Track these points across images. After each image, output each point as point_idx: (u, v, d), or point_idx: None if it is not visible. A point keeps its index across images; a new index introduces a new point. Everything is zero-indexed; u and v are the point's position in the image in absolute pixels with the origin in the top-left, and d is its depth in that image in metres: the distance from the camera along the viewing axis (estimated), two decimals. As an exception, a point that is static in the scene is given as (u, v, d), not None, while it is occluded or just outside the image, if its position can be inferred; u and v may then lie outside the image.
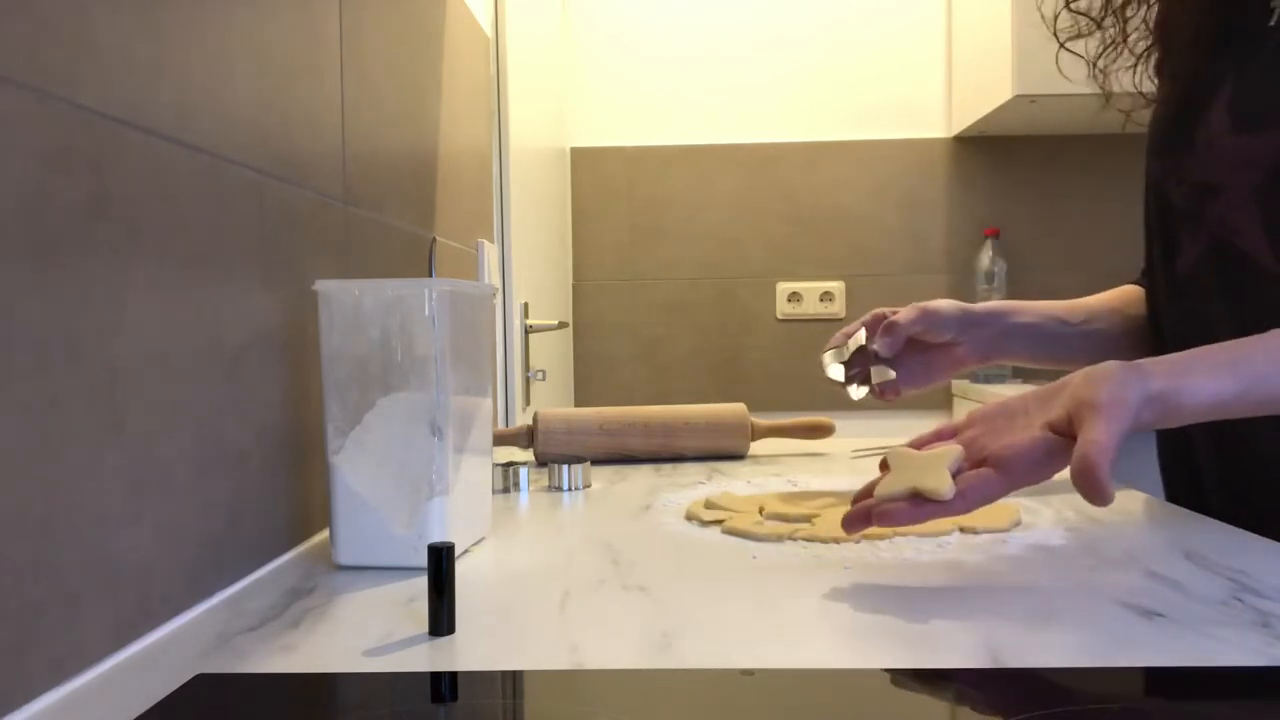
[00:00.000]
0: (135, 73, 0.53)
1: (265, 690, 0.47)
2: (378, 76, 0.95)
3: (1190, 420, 0.66)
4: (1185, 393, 0.64)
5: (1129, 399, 0.62)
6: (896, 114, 2.51)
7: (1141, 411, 0.62)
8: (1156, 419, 0.64)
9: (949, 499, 0.61)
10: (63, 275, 0.47)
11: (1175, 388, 0.64)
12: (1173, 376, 0.65)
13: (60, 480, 0.47)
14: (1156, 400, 0.64)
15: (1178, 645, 0.50)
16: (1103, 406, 0.61)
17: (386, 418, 0.65)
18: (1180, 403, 0.64)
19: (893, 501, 0.62)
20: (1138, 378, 0.63)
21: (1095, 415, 0.60)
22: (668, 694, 0.46)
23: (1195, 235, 0.85)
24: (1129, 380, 0.63)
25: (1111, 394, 0.61)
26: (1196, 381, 0.65)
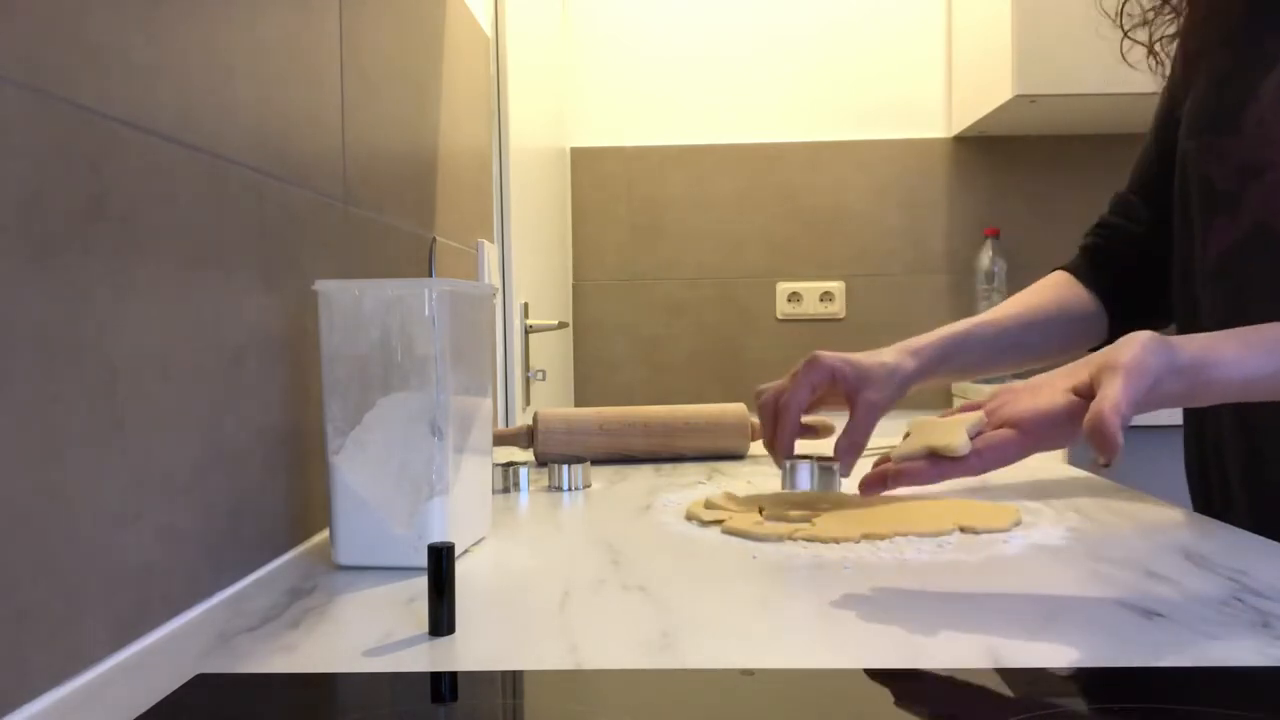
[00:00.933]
0: (135, 73, 0.53)
1: (265, 690, 0.47)
2: (378, 76, 0.95)
3: (1220, 398, 0.66)
4: (1216, 366, 0.64)
5: (1150, 364, 0.62)
6: (896, 114, 2.50)
7: (1166, 380, 0.63)
8: (1185, 392, 0.64)
9: (964, 455, 0.61)
10: (63, 275, 0.47)
11: (1206, 361, 0.64)
12: (1204, 350, 0.65)
13: (60, 480, 0.47)
14: (1186, 372, 0.64)
15: (1178, 645, 0.50)
16: (1122, 368, 0.61)
17: (386, 418, 0.65)
18: (1210, 376, 0.64)
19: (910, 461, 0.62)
20: (1164, 347, 0.63)
21: (1114, 375, 0.61)
22: (668, 694, 0.46)
23: (1236, 218, 0.83)
24: (1154, 348, 0.63)
25: (1133, 357, 0.62)
26: (1229, 356, 0.65)
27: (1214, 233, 0.85)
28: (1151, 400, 0.63)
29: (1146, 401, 0.63)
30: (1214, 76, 0.87)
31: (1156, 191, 0.99)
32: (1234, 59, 0.86)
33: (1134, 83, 2.18)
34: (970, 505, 0.82)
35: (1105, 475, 1.02)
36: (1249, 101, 0.82)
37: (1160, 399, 0.64)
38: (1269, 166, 0.80)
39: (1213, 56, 0.88)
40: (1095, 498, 0.89)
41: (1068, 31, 2.07)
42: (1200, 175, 0.87)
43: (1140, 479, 1.69)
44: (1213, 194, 0.85)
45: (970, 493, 0.91)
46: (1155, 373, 0.62)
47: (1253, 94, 0.82)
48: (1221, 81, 0.86)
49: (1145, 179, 1.01)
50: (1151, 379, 0.62)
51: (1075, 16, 2.06)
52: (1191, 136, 0.89)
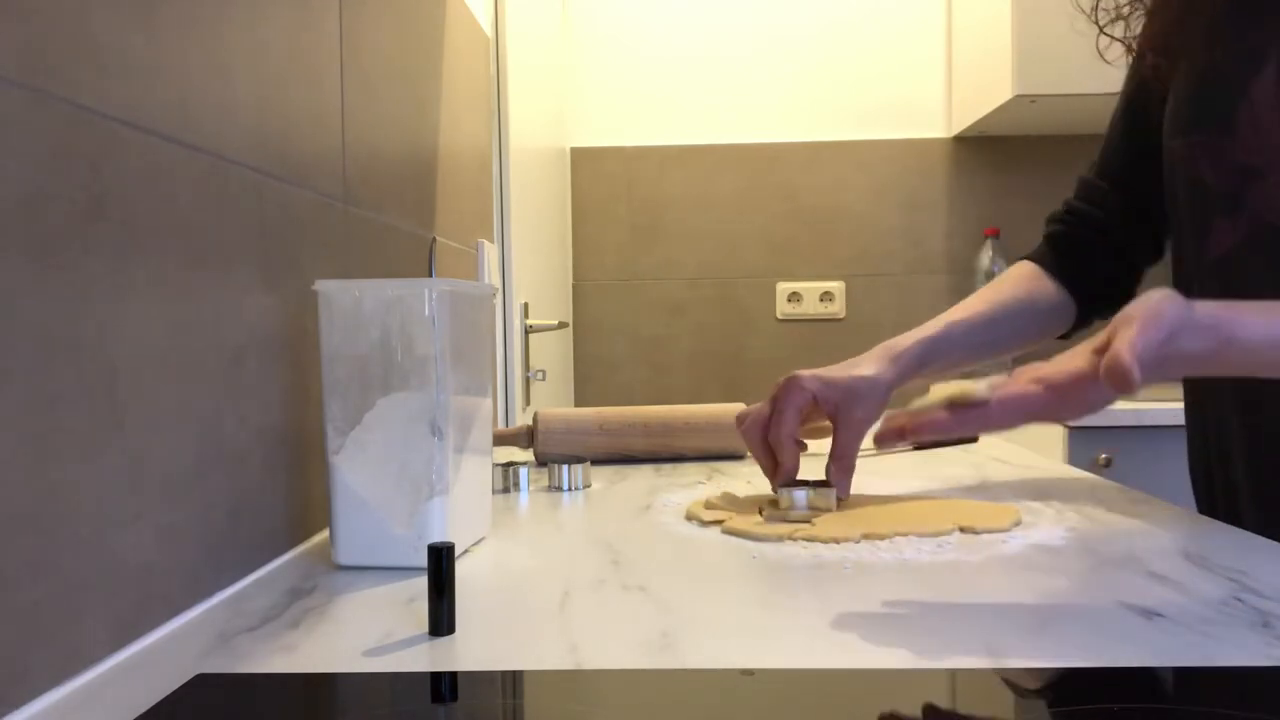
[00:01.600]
0: (135, 73, 0.53)
1: (265, 690, 0.47)
2: (378, 76, 0.95)
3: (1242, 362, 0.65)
4: (1239, 325, 0.64)
5: (1166, 312, 0.62)
6: (896, 114, 2.50)
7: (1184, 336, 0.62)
8: (1207, 349, 0.64)
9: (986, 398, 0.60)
10: (63, 275, 0.47)
11: (1228, 319, 0.64)
12: (1225, 310, 0.65)
13: (60, 480, 0.47)
14: (1207, 329, 0.63)
15: (1178, 645, 0.50)
16: (1137, 316, 0.62)
17: (386, 418, 0.65)
18: (1234, 335, 0.64)
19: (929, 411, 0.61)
20: (1181, 301, 0.63)
21: (1129, 324, 0.61)
22: (668, 694, 0.46)
23: (1234, 219, 0.82)
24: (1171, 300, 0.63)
25: (1148, 307, 0.62)
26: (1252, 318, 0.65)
27: (1213, 235, 0.84)
28: (1171, 355, 0.62)
29: (1164, 354, 0.62)
30: (1197, 72, 0.86)
31: (1127, 180, 0.98)
32: (1217, 55, 0.84)
33: (1134, 83, 2.16)
34: (970, 505, 0.82)
35: (1106, 475, 1.03)
36: (1239, 101, 0.81)
37: (1182, 359, 0.63)
38: (1269, 169, 0.79)
39: (1194, 52, 0.87)
40: (1095, 498, 0.89)
41: (1068, 31, 2.06)
42: (1190, 176, 0.86)
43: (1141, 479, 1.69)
44: (1207, 195, 0.84)
45: (970, 493, 0.91)
46: (1171, 323, 0.62)
47: (1242, 93, 0.81)
48: (1205, 78, 0.85)
49: (1115, 166, 1.00)
50: (1167, 328, 0.61)
51: (1075, 17, 2.06)
52: (1177, 135, 0.87)
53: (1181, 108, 0.87)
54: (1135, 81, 0.97)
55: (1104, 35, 0.94)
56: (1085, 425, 1.84)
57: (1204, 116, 0.84)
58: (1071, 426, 1.85)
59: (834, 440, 0.85)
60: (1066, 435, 1.85)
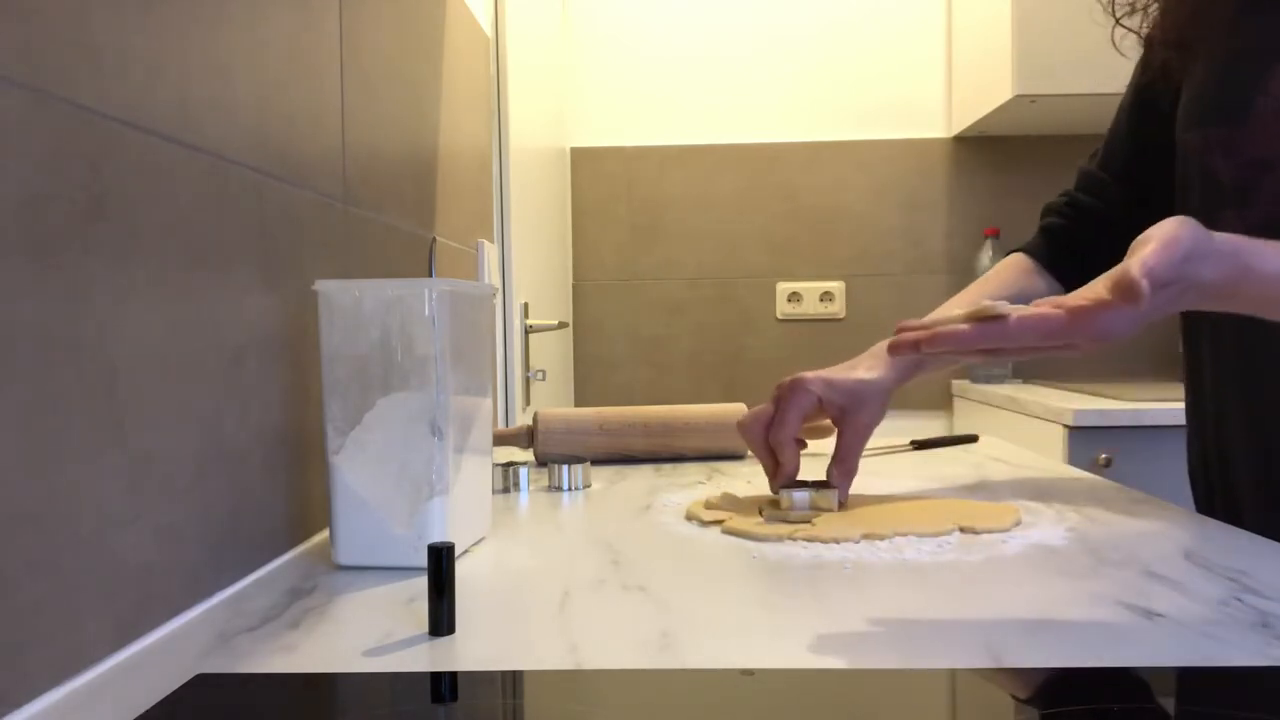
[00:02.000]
0: (135, 73, 0.53)
1: (265, 690, 0.47)
2: (378, 76, 0.95)
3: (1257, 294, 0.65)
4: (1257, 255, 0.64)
5: (1182, 235, 0.61)
6: (896, 114, 2.50)
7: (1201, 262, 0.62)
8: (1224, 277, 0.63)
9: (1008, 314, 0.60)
10: (63, 275, 0.47)
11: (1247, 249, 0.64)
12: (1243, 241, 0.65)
13: (60, 480, 0.47)
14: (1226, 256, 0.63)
15: (1178, 645, 0.50)
16: (1154, 237, 0.61)
17: (386, 418, 0.65)
18: (1250, 264, 0.64)
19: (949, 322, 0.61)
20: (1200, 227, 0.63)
21: (1146, 243, 0.61)
22: (668, 694, 0.46)
23: (1244, 213, 0.81)
24: (1189, 224, 0.63)
25: (1165, 231, 0.62)
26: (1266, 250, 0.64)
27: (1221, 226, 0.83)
28: (1187, 280, 0.62)
29: (1180, 276, 0.61)
30: (1214, 66, 0.85)
31: (1131, 173, 0.97)
32: (1235, 48, 0.84)
33: (1134, 83, 2.16)
34: (970, 505, 0.82)
35: (1106, 475, 1.02)
36: (1255, 94, 0.80)
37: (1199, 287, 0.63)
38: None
39: (1212, 46, 0.86)
40: (1095, 498, 0.89)
41: (1068, 31, 2.07)
42: (1203, 167, 0.85)
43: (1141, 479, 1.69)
44: (1218, 187, 0.84)
45: (970, 493, 0.91)
46: (1188, 246, 0.61)
47: (1259, 86, 0.80)
48: (1223, 71, 0.84)
49: (1118, 159, 0.99)
50: (1184, 250, 0.61)
51: (1075, 16, 2.06)
52: (1192, 128, 0.87)
53: (1197, 101, 0.87)
54: (1145, 75, 0.96)
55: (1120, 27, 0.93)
56: (1085, 425, 1.84)
57: (1220, 109, 0.84)
58: (1071, 426, 1.84)
59: (838, 443, 0.85)
60: (1066, 435, 1.85)
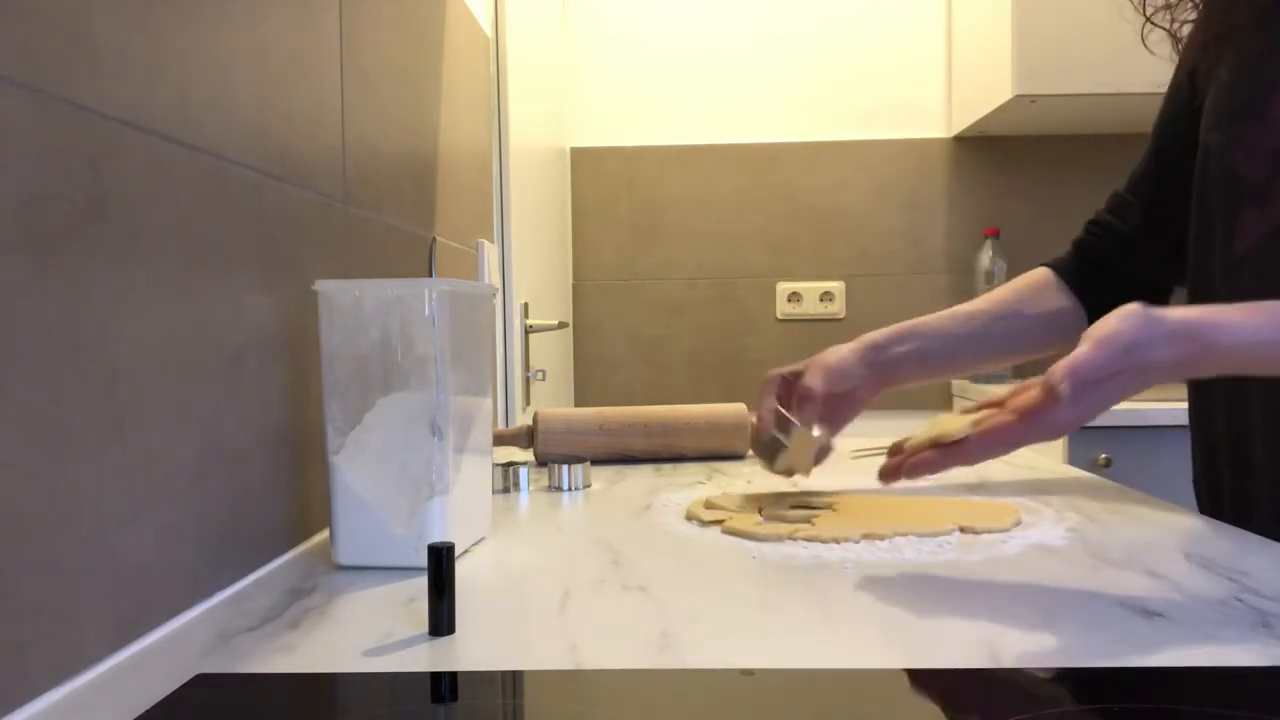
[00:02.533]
0: (135, 73, 0.53)
1: (265, 690, 0.47)
2: (378, 76, 0.95)
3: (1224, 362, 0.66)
4: (1219, 329, 0.65)
5: (1123, 330, 0.64)
6: (896, 114, 2.50)
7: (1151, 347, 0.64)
8: (1184, 358, 0.65)
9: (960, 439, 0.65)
10: (63, 275, 0.47)
11: (1205, 325, 0.65)
12: (1203, 315, 0.66)
13: (60, 480, 0.47)
14: (1181, 337, 0.64)
15: (1178, 645, 0.50)
16: (1091, 336, 0.64)
17: (386, 418, 0.65)
18: (1212, 339, 0.65)
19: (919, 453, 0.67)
20: (1146, 316, 0.65)
21: (1082, 343, 0.64)
22: (668, 694, 0.46)
23: (1264, 213, 0.80)
24: (1134, 316, 0.65)
25: (1105, 327, 0.64)
26: (1231, 319, 0.66)
27: (1241, 226, 0.83)
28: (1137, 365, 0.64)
29: (1125, 366, 0.64)
30: (1238, 66, 0.85)
31: (1146, 189, 0.97)
32: (1259, 47, 0.83)
33: (1134, 83, 2.19)
34: (970, 505, 0.82)
35: (1106, 475, 1.02)
36: (1275, 90, 0.80)
37: (1159, 368, 0.65)
38: None
39: (1238, 45, 0.86)
40: (1095, 498, 0.89)
41: (1068, 31, 2.07)
42: (1225, 167, 0.85)
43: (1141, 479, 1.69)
44: (1239, 186, 0.83)
45: (970, 493, 0.91)
46: (1129, 340, 0.63)
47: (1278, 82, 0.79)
48: (1246, 70, 0.84)
49: (1138, 176, 1.00)
50: (1121, 346, 0.63)
51: (1075, 16, 2.06)
52: (1215, 128, 0.86)
53: (1221, 101, 0.86)
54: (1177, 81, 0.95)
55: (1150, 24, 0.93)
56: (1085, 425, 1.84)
57: (1243, 107, 0.83)
58: (1071, 426, 1.85)
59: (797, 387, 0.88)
60: (1066, 435, 1.85)
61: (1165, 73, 0.98)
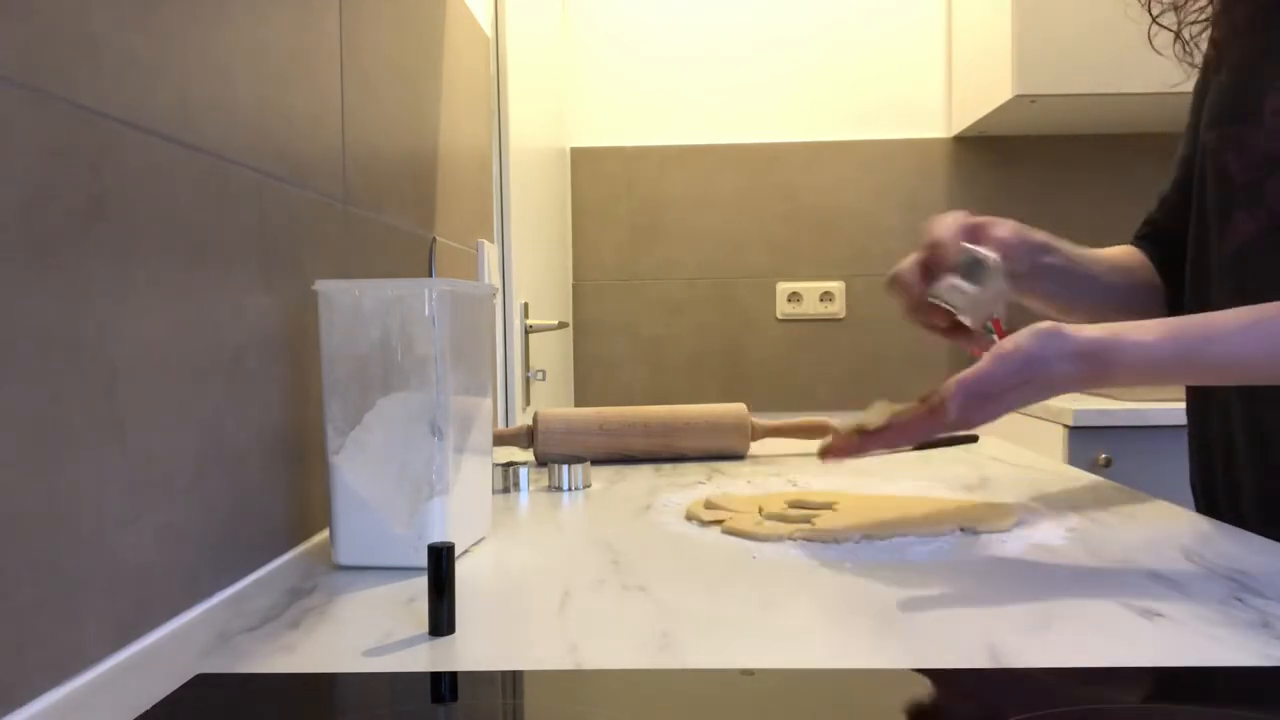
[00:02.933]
0: (135, 73, 0.53)
1: (265, 690, 0.47)
2: (378, 76, 0.95)
3: (1127, 380, 0.70)
4: (1117, 348, 0.69)
5: (1026, 347, 0.68)
6: (896, 114, 2.50)
7: (1056, 363, 0.68)
8: (1086, 374, 0.69)
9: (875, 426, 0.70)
10: (63, 275, 0.47)
11: (1106, 344, 0.69)
12: (1106, 334, 0.69)
13: (60, 480, 0.47)
14: (1085, 357, 0.68)
15: (1178, 645, 0.50)
16: (992, 352, 0.68)
17: (386, 418, 0.65)
18: (1111, 358, 0.68)
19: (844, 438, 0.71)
20: (1054, 334, 0.68)
21: (984, 357, 0.68)
22: (668, 694, 0.46)
23: (1254, 212, 0.81)
24: (1041, 335, 0.68)
25: (1010, 343, 0.68)
26: (1130, 338, 0.69)
27: (1231, 227, 0.83)
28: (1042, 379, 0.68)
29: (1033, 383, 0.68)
30: (1237, 65, 0.85)
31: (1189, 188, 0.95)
32: (1257, 47, 0.83)
33: (1134, 83, 2.19)
34: (970, 505, 0.82)
35: (1106, 475, 1.02)
36: (1268, 91, 0.80)
37: (1060, 380, 0.69)
38: None
39: (1239, 44, 0.86)
40: (1095, 498, 0.89)
41: (1068, 31, 2.07)
42: (1217, 167, 0.85)
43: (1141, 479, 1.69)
44: (1230, 186, 0.83)
45: (970, 493, 0.91)
46: (1031, 355, 0.67)
47: (1273, 83, 0.80)
48: (1243, 70, 0.84)
49: (1179, 176, 0.98)
50: (1021, 359, 0.67)
51: (1075, 16, 2.06)
52: (1211, 127, 0.86)
53: (1217, 100, 0.86)
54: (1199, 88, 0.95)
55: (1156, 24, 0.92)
56: (1085, 425, 1.84)
57: (1237, 107, 0.83)
58: (1071, 426, 1.84)
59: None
60: (1066, 435, 1.85)
61: (1166, 73, 0.98)
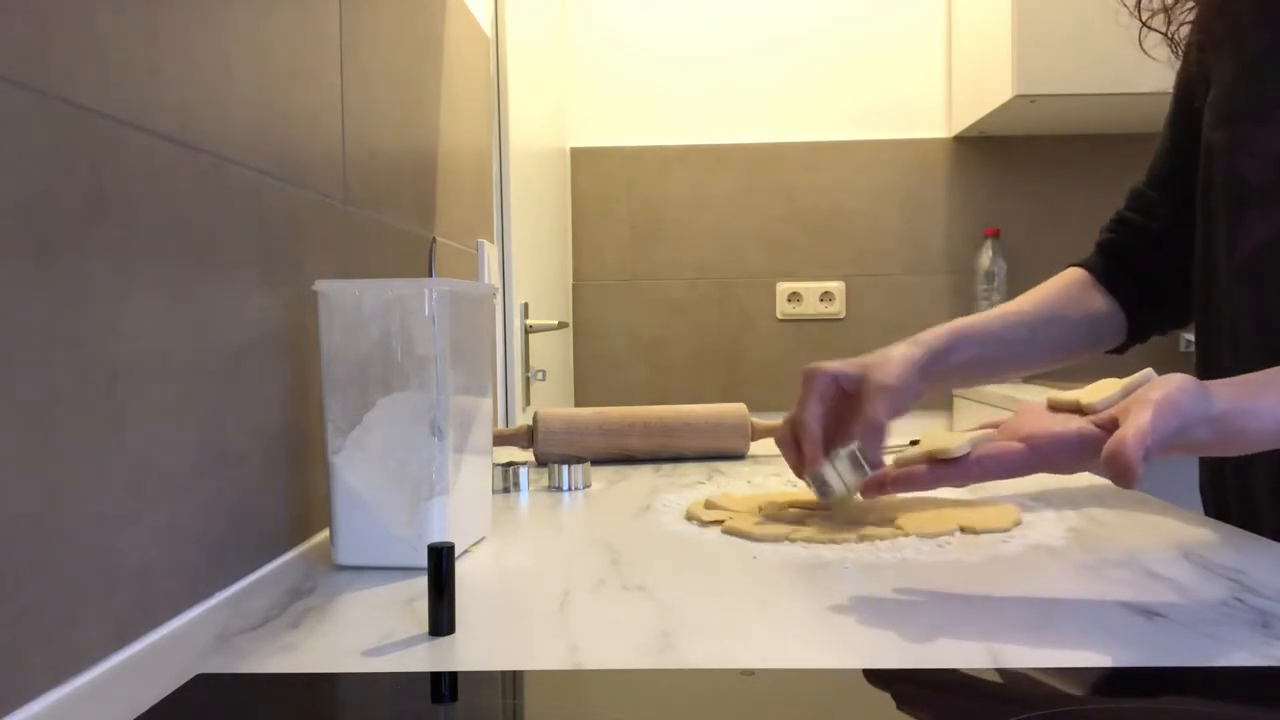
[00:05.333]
0: (135, 73, 0.53)
1: (265, 690, 0.47)
2: (378, 76, 0.95)
3: (1253, 448, 0.64)
4: (1250, 415, 0.62)
5: (1183, 404, 0.60)
6: (896, 114, 2.50)
7: (1195, 427, 0.61)
8: (1214, 441, 0.62)
9: (959, 455, 0.61)
10: (63, 275, 0.47)
11: (1240, 410, 0.62)
12: (1239, 399, 0.63)
13: (60, 480, 0.47)
14: (1218, 421, 0.62)
15: (1178, 645, 0.50)
16: (1153, 402, 0.59)
17: (386, 418, 0.65)
18: (1243, 427, 0.62)
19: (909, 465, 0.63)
20: (1200, 392, 0.61)
21: (1144, 408, 0.59)
22: (668, 694, 0.46)
23: (1268, 214, 0.79)
24: (1190, 390, 0.61)
25: (1166, 394, 0.60)
26: (1265, 406, 0.63)
27: (1244, 229, 0.82)
28: (1179, 444, 0.61)
29: (1174, 445, 0.61)
30: (1242, 64, 0.84)
31: (1174, 186, 0.95)
32: (1263, 46, 0.82)
33: (1134, 82, 2.19)
34: (970, 505, 0.82)
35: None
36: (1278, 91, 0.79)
37: (1188, 445, 0.62)
38: None
39: (1240, 42, 0.84)
40: (1095, 498, 0.89)
41: (1068, 31, 2.07)
42: (1228, 168, 0.83)
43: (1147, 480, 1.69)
44: (1243, 188, 0.82)
45: (970, 492, 0.91)
46: (1186, 415, 0.60)
47: None
48: (1251, 69, 0.83)
49: (1162, 173, 0.97)
50: (1181, 420, 0.60)
51: (1075, 16, 2.06)
52: (1219, 127, 0.85)
53: (1223, 99, 0.85)
54: (1182, 80, 0.94)
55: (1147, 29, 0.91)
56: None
57: (1246, 106, 0.82)
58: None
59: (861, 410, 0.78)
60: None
61: (1166, 73, 0.97)
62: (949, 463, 0.62)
